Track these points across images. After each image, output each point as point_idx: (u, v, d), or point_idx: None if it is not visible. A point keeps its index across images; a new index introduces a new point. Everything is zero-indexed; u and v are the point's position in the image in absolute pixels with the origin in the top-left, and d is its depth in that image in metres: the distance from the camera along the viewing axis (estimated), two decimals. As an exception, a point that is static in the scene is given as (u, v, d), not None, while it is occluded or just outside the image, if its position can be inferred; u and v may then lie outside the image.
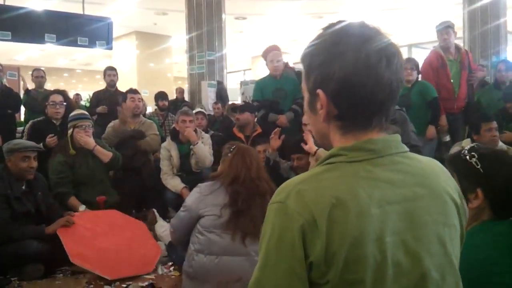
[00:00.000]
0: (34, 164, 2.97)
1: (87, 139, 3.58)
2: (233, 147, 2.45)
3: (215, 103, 6.57)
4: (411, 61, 4.34)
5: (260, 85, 4.65)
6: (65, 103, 3.99)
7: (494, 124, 3.34)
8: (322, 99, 0.75)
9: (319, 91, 0.75)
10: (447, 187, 0.79)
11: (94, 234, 2.95)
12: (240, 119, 4.11)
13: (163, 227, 3.19)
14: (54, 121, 3.92)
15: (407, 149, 0.79)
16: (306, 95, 0.81)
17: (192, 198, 2.37)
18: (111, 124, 4.26)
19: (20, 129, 4.96)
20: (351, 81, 0.72)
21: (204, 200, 2.30)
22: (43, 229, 2.82)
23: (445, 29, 4.40)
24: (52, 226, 2.85)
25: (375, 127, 0.76)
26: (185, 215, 2.36)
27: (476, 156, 1.22)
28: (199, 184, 2.42)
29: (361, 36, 0.73)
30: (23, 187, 2.96)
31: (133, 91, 4.38)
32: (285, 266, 0.69)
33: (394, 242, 0.70)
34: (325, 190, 0.70)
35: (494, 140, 3.24)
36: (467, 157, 1.23)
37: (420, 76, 4.35)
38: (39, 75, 5.85)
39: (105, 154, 3.65)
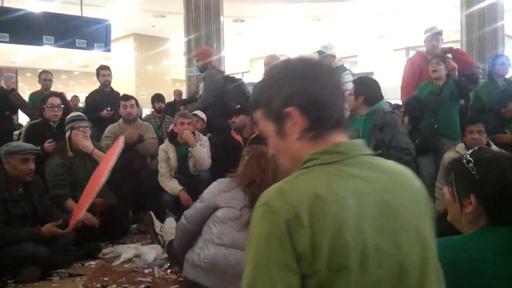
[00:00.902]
0: (33, 166, 2.96)
1: (85, 142, 3.58)
2: (249, 150, 2.47)
3: None
4: (438, 56, 4.08)
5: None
6: (63, 106, 3.98)
7: (478, 126, 3.36)
8: (294, 113, 0.85)
9: (290, 108, 0.85)
10: (412, 181, 0.88)
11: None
12: (236, 122, 4.11)
13: (171, 223, 3.16)
14: (52, 124, 3.91)
15: (371, 152, 0.88)
16: (270, 128, 0.90)
17: (210, 190, 2.40)
18: (108, 128, 4.26)
19: (17, 132, 4.94)
20: (316, 98, 0.85)
21: (222, 194, 2.33)
22: (38, 230, 2.81)
23: (435, 35, 4.38)
24: (47, 227, 2.83)
25: (335, 129, 0.87)
26: (201, 205, 2.38)
27: (473, 161, 1.21)
28: (219, 179, 2.44)
29: (322, 68, 0.89)
30: (20, 189, 2.95)
31: (125, 98, 4.36)
32: (277, 261, 0.73)
33: (373, 229, 0.76)
34: (304, 188, 0.77)
35: (474, 143, 3.27)
36: (465, 162, 1.22)
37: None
38: (47, 78, 5.82)
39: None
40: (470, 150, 1.27)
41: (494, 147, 3.36)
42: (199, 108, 4.59)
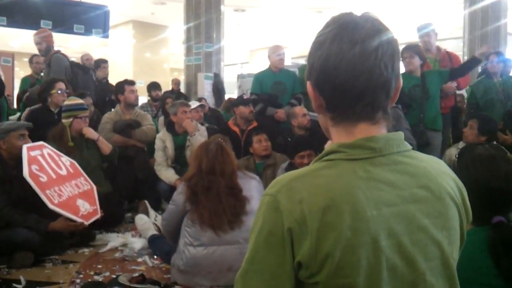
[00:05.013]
0: (29, 141, 2.95)
1: (91, 130, 3.62)
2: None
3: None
4: (411, 48, 4.00)
5: (259, 78, 4.61)
6: (68, 91, 3.98)
7: (471, 121, 3.39)
8: (309, 90, 0.77)
9: (308, 82, 0.77)
10: (448, 188, 0.76)
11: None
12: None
13: (142, 220, 3.17)
14: (52, 109, 3.87)
15: (409, 147, 0.77)
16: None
17: (178, 192, 2.44)
18: (106, 115, 4.21)
19: (13, 117, 4.85)
20: (325, 70, 0.72)
21: (181, 196, 2.37)
22: (47, 225, 2.77)
23: (427, 33, 4.34)
24: (58, 224, 2.79)
25: (361, 117, 0.74)
26: (172, 208, 2.43)
27: (455, 158, 1.22)
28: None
29: (343, 26, 0.72)
30: (14, 171, 2.92)
31: (130, 83, 4.31)
32: (274, 261, 0.68)
33: (390, 245, 0.68)
34: (320, 189, 0.68)
35: (464, 137, 3.39)
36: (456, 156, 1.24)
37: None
38: (39, 61, 5.60)
39: (108, 146, 3.64)
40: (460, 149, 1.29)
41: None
42: None
